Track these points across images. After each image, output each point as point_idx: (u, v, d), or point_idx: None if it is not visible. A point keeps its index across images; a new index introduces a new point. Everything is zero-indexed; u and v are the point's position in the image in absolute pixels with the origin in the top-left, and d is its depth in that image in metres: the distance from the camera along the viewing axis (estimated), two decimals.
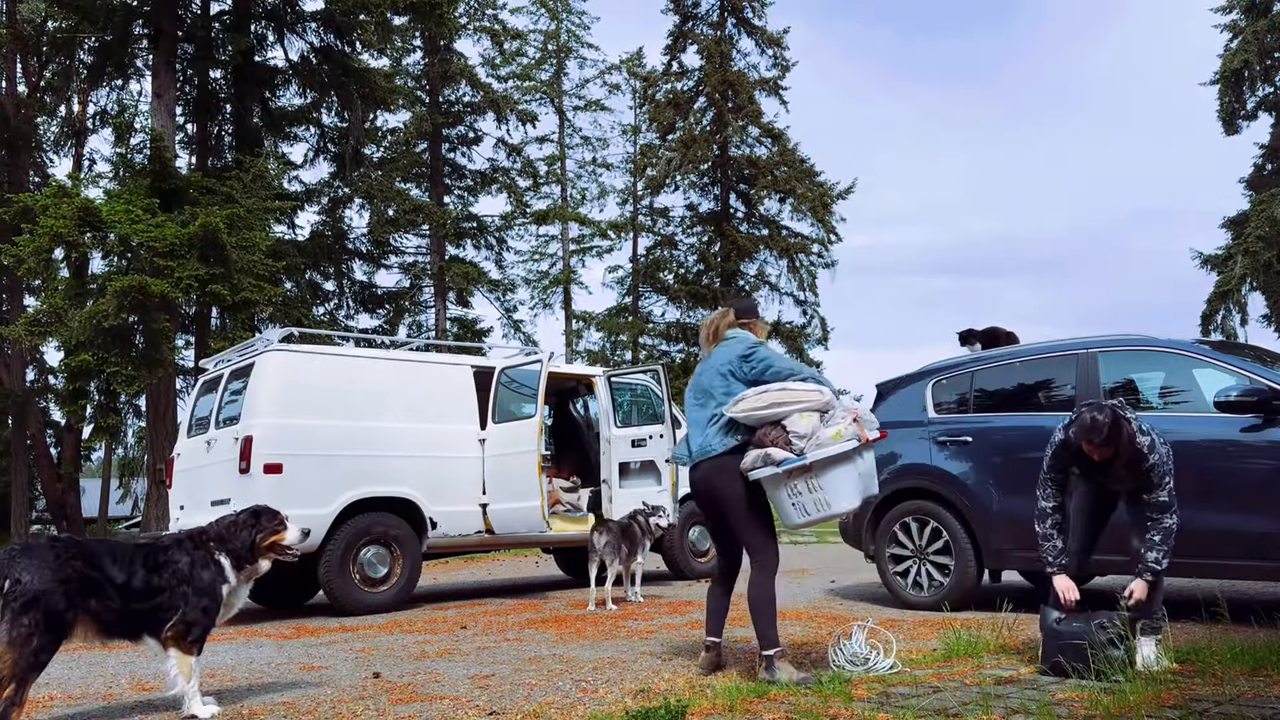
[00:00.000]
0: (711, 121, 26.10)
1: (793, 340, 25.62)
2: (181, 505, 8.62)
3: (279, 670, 5.09)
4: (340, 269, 22.16)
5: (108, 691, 4.61)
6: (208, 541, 4.08)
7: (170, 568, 3.93)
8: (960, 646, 4.79)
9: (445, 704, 4.01)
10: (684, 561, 9.93)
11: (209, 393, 8.70)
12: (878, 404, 7.38)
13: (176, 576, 3.93)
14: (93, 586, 3.70)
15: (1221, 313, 22.85)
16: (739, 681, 4.15)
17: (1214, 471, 5.44)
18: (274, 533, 4.18)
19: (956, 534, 6.44)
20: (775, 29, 26.49)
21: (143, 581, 3.85)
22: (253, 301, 15.02)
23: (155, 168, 15.32)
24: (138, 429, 24.00)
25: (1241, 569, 5.44)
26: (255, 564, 4.15)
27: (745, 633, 5.89)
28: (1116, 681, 3.79)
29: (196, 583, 3.95)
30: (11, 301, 21.14)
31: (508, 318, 27.03)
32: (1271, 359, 5.89)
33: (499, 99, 24.86)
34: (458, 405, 8.78)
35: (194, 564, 3.98)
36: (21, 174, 20.63)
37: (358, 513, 7.92)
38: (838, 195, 25.56)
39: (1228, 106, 24.06)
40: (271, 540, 4.17)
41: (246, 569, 4.13)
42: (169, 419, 16.28)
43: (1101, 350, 6.13)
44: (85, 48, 18.28)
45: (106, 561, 3.78)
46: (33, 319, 14.70)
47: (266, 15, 18.38)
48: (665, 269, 27.43)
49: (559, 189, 29.48)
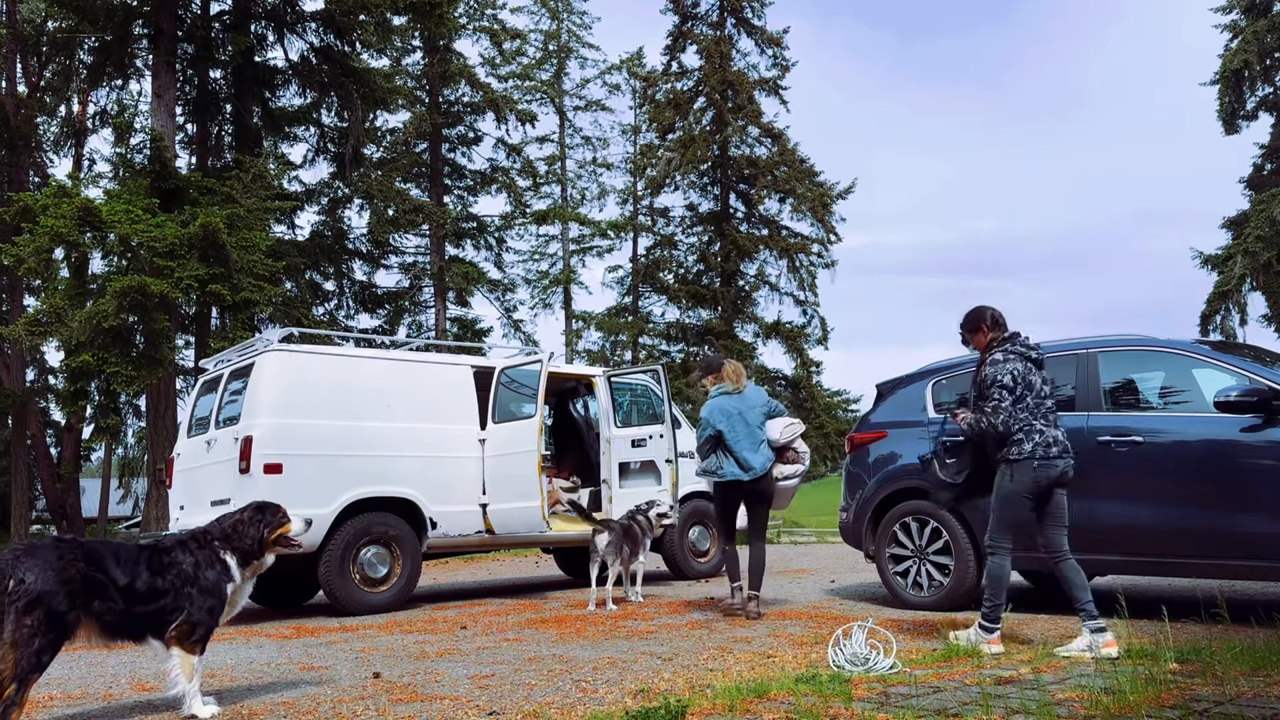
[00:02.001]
0: (711, 121, 26.08)
1: (792, 340, 25.60)
2: (181, 505, 8.62)
3: (279, 670, 5.09)
4: (340, 269, 22.16)
5: (108, 691, 4.61)
6: (212, 540, 4.08)
7: (175, 568, 3.93)
8: (960, 646, 4.79)
9: (445, 704, 4.01)
10: (684, 561, 9.93)
11: (209, 393, 8.70)
12: (878, 404, 7.38)
13: (181, 577, 3.93)
14: (96, 587, 3.69)
15: (1221, 313, 22.85)
16: (739, 681, 4.14)
17: (1214, 471, 5.44)
18: (279, 525, 4.21)
19: (956, 534, 6.45)
20: (775, 29, 26.49)
21: (147, 583, 3.83)
22: (253, 301, 15.03)
23: (155, 168, 15.31)
24: (138, 429, 24.00)
25: (1241, 569, 5.44)
26: (262, 559, 4.17)
27: (745, 633, 5.89)
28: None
29: (202, 583, 3.96)
30: (11, 301, 21.13)
31: (508, 318, 27.04)
32: (1271, 359, 5.89)
33: (499, 99, 24.85)
34: (458, 405, 8.78)
35: (199, 564, 3.98)
36: (21, 174, 20.62)
37: (358, 513, 7.92)
38: (837, 195, 25.54)
39: (1228, 106, 24.06)
40: (278, 533, 4.20)
41: (253, 565, 4.14)
42: (169, 419, 16.28)
43: (1101, 350, 6.13)
44: (85, 48, 18.28)
45: (110, 562, 3.77)
46: (33, 319, 14.70)
47: (266, 15, 18.38)
48: (665, 269, 27.41)
49: (559, 189, 29.49)
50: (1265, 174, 24.40)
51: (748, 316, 26.18)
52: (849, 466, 7.41)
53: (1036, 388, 5.02)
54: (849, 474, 7.37)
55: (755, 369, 25.39)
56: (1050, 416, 5.01)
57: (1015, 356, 5.06)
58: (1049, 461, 4.88)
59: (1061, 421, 5.10)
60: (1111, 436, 5.80)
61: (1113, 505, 5.77)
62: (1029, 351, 5.10)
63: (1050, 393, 5.11)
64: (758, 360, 25.84)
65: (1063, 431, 5.03)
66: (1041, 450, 4.89)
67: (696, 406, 22.00)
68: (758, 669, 4.55)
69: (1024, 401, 4.95)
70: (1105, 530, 5.80)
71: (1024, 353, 5.09)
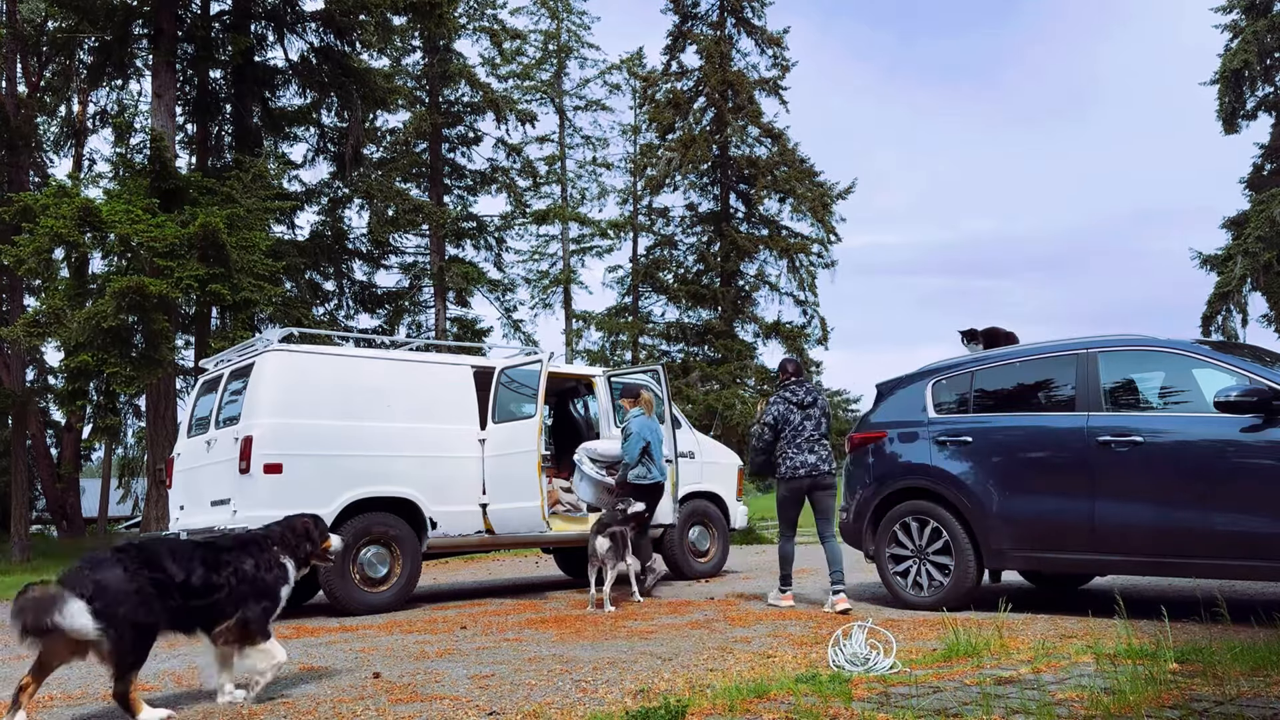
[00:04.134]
0: (711, 121, 26.06)
1: (793, 340, 25.58)
2: (181, 505, 8.62)
3: (279, 670, 5.08)
4: (340, 269, 22.16)
5: (108, 691, 4.61)
6: (272, 544, 4.30)
7: (232, 567, 4.11)
8: (960, 646, 4.79)
9: (445, 704, 4.01)
10: (684, 561, 9.93)
11: (209, 393, 8.69)
12: (878, 404, 7.38)
13: (239, 576, 4.11)
14: (162, 588, 3.86)
15: (1222, 313, 22.84)
16: (739, 681, 4.14)
17: (1214, 471, 5.44)
18: (324, 539, 4.46)
19: (956, 534, 6.44)
20: (775, 29, 26.44)
21: (203, 579, 4.00)
22: (253, 301, 15.03)
23: (155, 168, 15.31)
24: (138, 429, 24.02)
25: (1241, 569, 5.43)
26: (307, 567, 4.42)
27: (745, 632, 5.89)
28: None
29: (260, 584, 4.16)
30: (11, 301, 21.13)
31: (508, 318, 27.03)
32: (1271, 359, 5.88)
33: (499, 99, 24.84)
34: (458, 405, 8.77)
35: (259, 566, 4.19)
36: (21, 174, 20.61)
37: (358, 513, 7.92)
38: (837, 195, 25.52)
39: (1227, 106, 24.06)
40: (323, 547, 4.46)
41: (301, 571, 4.41)
42: (169, 419, 16.29)
43: (1101, 350, 6.12)
44: (85, 48, 18.28)
45: (169, 561, 3.94)
46: (33, 319, 14.69)
47: (266, 15, 18.38)
48: (665, 269, 27.38)
49: (559, 189, 29.47)
50: (1265, 174, 24.40)
51: (748, 316, 26.16)
52: (849, 466, 7.40)
53: (795, 424, 7.00)
54: (849, 474, 7.37)
55: (755, 369, 25.38)
56: (805, 445, 6.94)
57: (781, 401, 7.09)
58: (797, 479, 6.93)
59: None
60: (1111, 436, 5.80)
61: (1113, 505, 5.77)
62: (793, 396, 7.09)
63: (811, 427, 7.00)
64: (758, 360, 25.82)
65: (816, 456, 6.94)
66: (790, 471, 6.95)
67: (697, 407, 22.00)
68: (758, 669, 4.55)
69: (784, 434, 7.02)
70: (1105, 530, 5.80)
71: (788, 398, 7.08)
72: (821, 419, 7.15)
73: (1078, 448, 5.94)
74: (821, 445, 7.04)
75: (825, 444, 7.09)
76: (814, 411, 7.07)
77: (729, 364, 24.47)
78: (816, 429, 7.04)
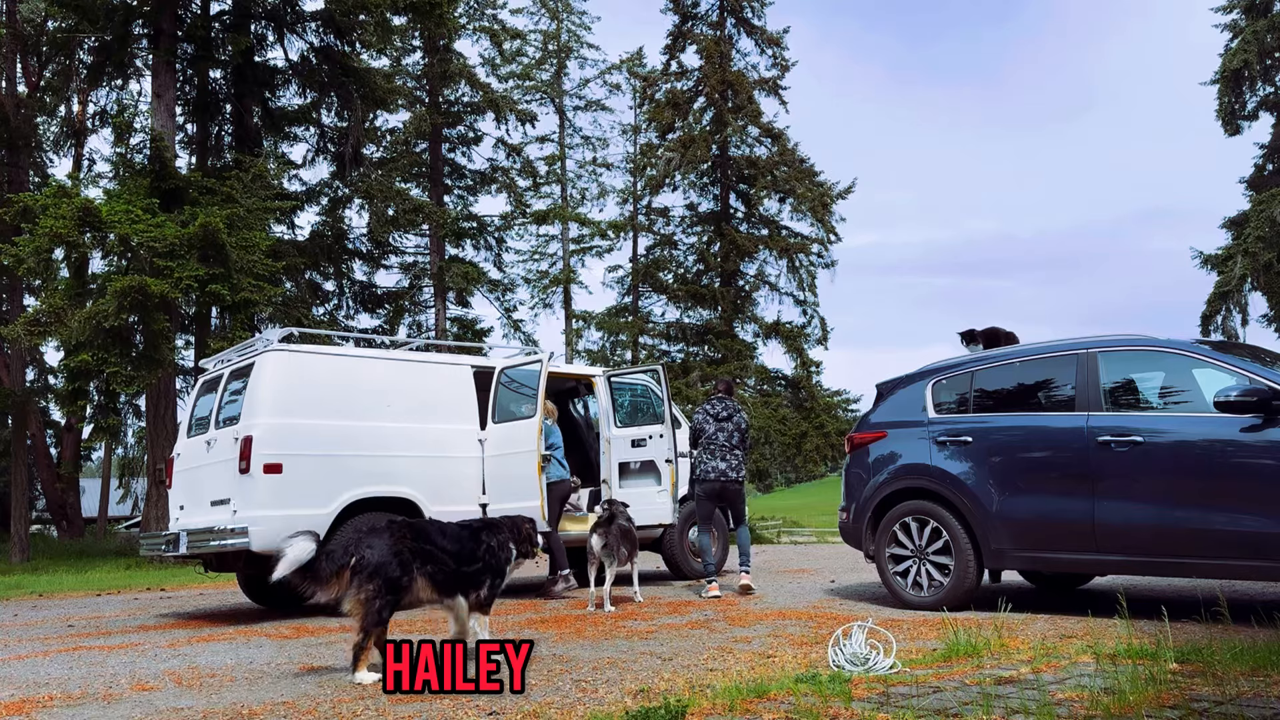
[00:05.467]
0: (711, 121, 26.08)
1: (792, 340, 25.59)
2: (181, 505, 8.61)
3: (279, 670, 5.09)
4: (340, 269, 22.17)
5: (108, 691, 4.61)
6: (503, 531, 5.11)
7: (484, 545, 4.93)
8: (960, 646, 4.79)
9: (445, 704, 4.00)
10: (684, 561, 9.92)
11: (209, 393, 8.69)
12: (877, 404, 7.38)
13: (488, 553, 4.93)
14: (427, 556, 4.67)
15: (1222, 313, 22.85)
16: (739, 681, 4.14)
17: (1214, 471, 5.44)
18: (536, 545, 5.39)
19: (956, 534, 6.44)
20: (775, 29, 26.46)
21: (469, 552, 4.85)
22: (253, 301, 15.03)
23: (155, 168, 15.33)
24: (138, 429, 24.00)
25: (1241, 569, 5.43)
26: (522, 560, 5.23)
27: (745, 632, 5.88)
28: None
29: (496, 563, 4.97)
30: (11, 301, 21.14)
31: (508, 318, 27.03)
32: (1271, 359, 5.88)
33: (499, 99, 24.85)
34: (458, 405, 8.77)
35: (498, 547, 4.99)
36: (21, 174, 20.62)
37: (358, 512, 7.91)
38: (837, 195, 25.52)
39: (1228, 106, 24.07)
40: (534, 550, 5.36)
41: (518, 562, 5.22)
42: (169, 419, 16.29)
43: (1101, 350, 6.12)
44: (85, 48, 18.31)
45: (438, 536, 4.81)
46: (33, 319, 14.70)
47: (266, 15, 18.38)
48: (665, 269, 27.39)
49: (559, 189, 29.48)
50: (1265, 174, 24.41)
51: (748, 316, 26.17)
52: (849, 466, 7.41)
53: (709, 434, 8.07)
54: (849, 474, 7.37)
55: (755, 369, 25.39)
56: (717, 452, 8.01)
57: (701, 414, 8.23)
58: (709, 481, 8.02)
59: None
60: (1111, 436, 5.80)
61: (1113, 505, 5.77)
62: (711, 410, 8.20)
63: (724, 438, 8.03)
64: (758, 360, 25.84)
65: (726, 464, 8.00)
66: (704, 474, 8.05)
67: (697, 407, 22.01)
68: (758, 669, 4.55)
69: (700, 443, 8.12)
70: (1105, 530, 5.80)
71: (708, 410, 8.21)
72: (735, 432, 8.12)
73: (1078, 448, 5.94)
74: (733, 454, 8.06)
75: (737, 453, 8.10)
76: (728, 425, 8.10)
77: (729, 364, 24.47)
78: (729, 440, 8.06)
